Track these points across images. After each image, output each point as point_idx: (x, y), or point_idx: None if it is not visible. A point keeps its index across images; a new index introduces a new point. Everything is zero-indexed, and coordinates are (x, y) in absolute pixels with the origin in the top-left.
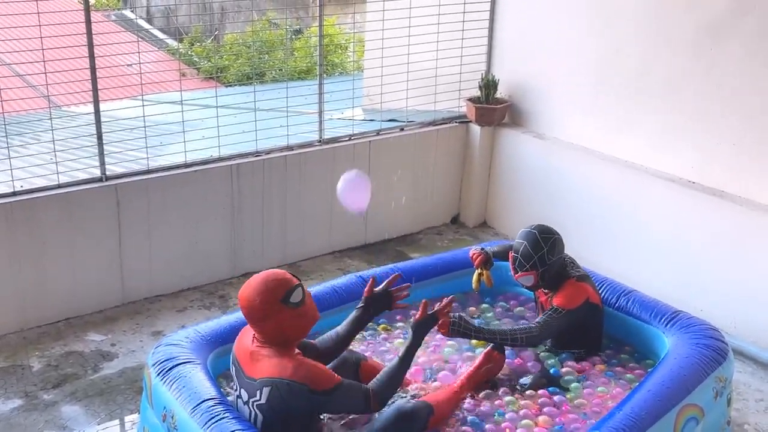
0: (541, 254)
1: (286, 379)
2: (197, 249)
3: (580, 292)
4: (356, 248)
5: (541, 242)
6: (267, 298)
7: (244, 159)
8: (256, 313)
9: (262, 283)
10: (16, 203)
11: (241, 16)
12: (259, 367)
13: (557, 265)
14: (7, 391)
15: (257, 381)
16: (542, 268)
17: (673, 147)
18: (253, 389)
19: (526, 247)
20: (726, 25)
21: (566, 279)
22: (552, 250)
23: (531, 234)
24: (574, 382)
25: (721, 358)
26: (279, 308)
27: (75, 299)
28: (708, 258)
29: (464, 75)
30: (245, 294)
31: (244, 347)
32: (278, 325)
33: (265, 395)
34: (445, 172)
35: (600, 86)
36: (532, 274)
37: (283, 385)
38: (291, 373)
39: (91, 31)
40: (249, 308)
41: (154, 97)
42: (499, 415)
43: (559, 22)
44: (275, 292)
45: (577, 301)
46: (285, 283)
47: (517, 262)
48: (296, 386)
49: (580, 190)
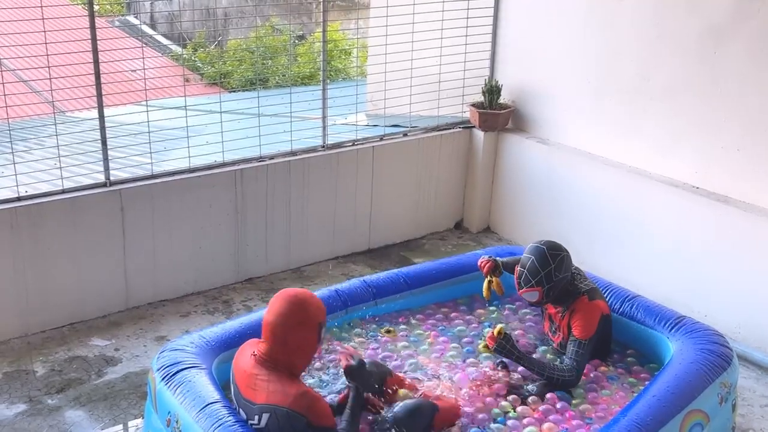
0: (548, 270)
1: (285, 407)
2: (201, 254)
3: (595, 312)
4: (360, 253)
5: (549, 258)
6: (314, 312)
7: (248, 164)
8: (294, 319)
9: (313, 299)
10: (21, 209)
11: (245, 21)
12: (258, 392)
13: (563, 283)
14: (11, 396)
15: (256, 406)
16: (548, 284)
17: (676, 152)
18: (252, 413)
19: (533, 263)
20: (728, 29)
21: (577, 296)
22: (559, 267)
23: (539, 249)
24: (578, 388)
25: (725, 364)
26: (313, 329)
27: (79, 304)
28: (712, 263)
29: (467, 80)
30: (295, 296)
31: (242, 368)
32: (300, 344)
33: (264, 420)
34: (448, 178)
35: (603, 91)
36: (537, 290)
37: (282, 414)
38: (291, 401)
39: (95, 37)
40: (289, 313)
41: (158, 102)
42: (500, 422)
43: (561, 27)
44: (321, 313)
45: (595, 324)
46: (324, 311)
47: (523, 276)
48: (295, 416)
49: (583, 196)
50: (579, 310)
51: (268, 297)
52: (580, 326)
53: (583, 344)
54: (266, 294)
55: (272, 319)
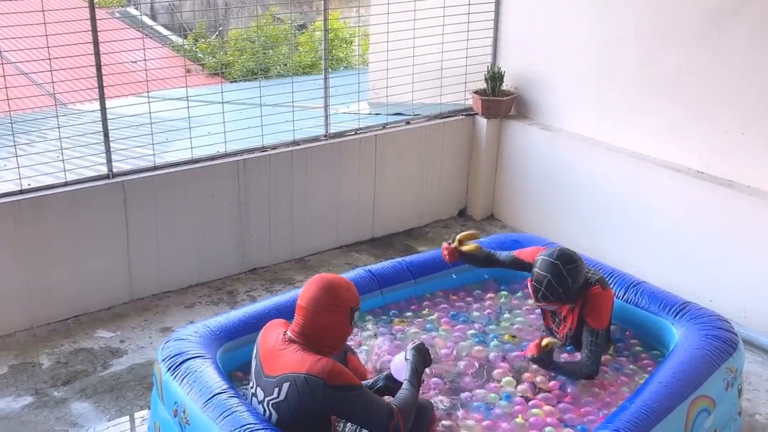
0: (566, 286)
1: (303, 373)
2: (204, 245)
3: (609, 301)
4: (363, 242)
5: (564, 274)
6: (346, 296)
7: (251, 154)
8: (326, 300)
9: (348, 284)
10: (24, 201)
11: (245, 11)
12: (280, 364)
13: (579, 284)
14: (18, 389)
15: (276, 378)
16: (567, 297)
17: (680, 137)
18: (271, 387)
19: (550, 282)
20: (730, 14)
21: (589, 287)
22: (576, 278)
23: (554, 266)
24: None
25: (731, 349)
26: (345, 311)
27: (83, 296)
28: (717, 248)
29: (470, 67)
30: (329, 280)
31: (267, 344)
32: (331, 324)
33: (284, 392)
34: (451, 165)
35: (606, 77)
36: (556, 304)
37: (300, 380)
38: (309, 366)
39: (96, 29)
40: (323, 293)
41: (160, 93)
42: (506, 398)
43: (564, 13)
44: (354, 298)
45: (610, 312)
46: (359, 298)
47: (540, 293)
48: (312, 380)
49: (587, 182)
50: (593, 300)
51: (272, 287)
52: (596, 316)
53: (599, 334)
54: (270, 284)
55: (305, 302)
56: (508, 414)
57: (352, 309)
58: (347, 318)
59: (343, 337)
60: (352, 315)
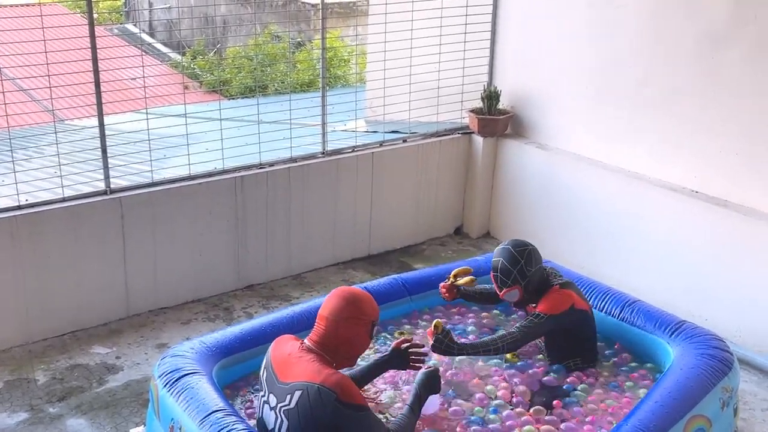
0: (519, 267)
1: (316, 383)
2: (201, 261)
3: (565, 298)
4: (360, 259)
5: (516, 256)
6: (368, 309)
7: (248, 171)
8: (349, 312)
9: (370, 298)
10: (21, 217)
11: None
12: (295, 371)
13: (538, 276)
14: (12, 405)
15: (289, 385)
16: (524, 281)
17: (675, 156)
18: (284, 394)
19: (503, 263)
20: (726, 34)
21: (549, 288)
22: (529, 261)
23: (506, 250)
24: (580, 393)
25: (726, 368)
26: (365, 324)
27: (80, 312)
28: (712, 267)
29: (466, 86)
30: (352, 292)
31: (282, 352)
32: (351, 336)
33: (295, 399)
34: (448, 183)
35: (602, 96)
36: (516, 288)
37: (313, 390)
38: (323, 378)
39: (95, 46)
40: (346, 305)
41: (158, 110)
42: (493, 412)
43: (560, 32)
44: (374, 312)
45: (562, 308)
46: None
47: (499, 279)
48: (325, 391)
49: (583, 201)
50: (548, 296)
51: (268, 304)
52: (544, 304)
53: (540, 316)
54: (267, 301)
55: (328, 312)
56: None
57: (373, 323)
58: (367, 331)
59: (361, 350)
60: (371, 328)
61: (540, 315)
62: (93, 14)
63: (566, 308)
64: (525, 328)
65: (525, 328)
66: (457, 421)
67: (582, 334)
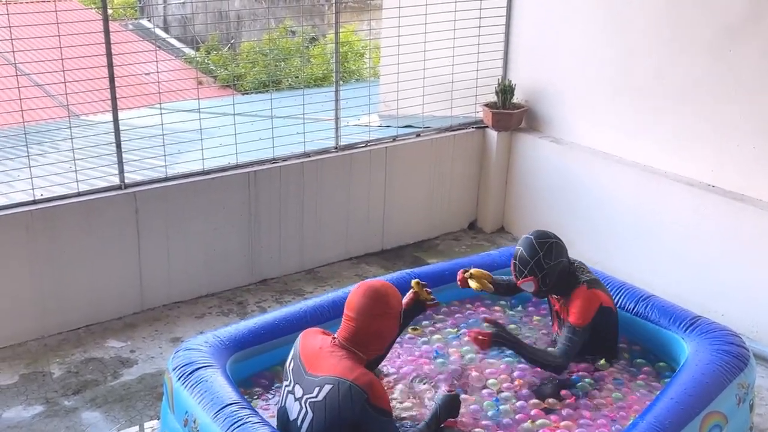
0: (537, 259)
1: (349, 380)
2: (215, 256)
3: (593, 300)
4: (373, 254)
5: (536, 247)
6: (394, 302)
7: (262, 166)
8: (380, 307)
9: (394, 289)
10: (36, 211)
11: (257, 24)
12: (326, 365)
13: (559, 270)
14: (28, 398)
15: (319, 378)
16: (540, 273)
17: (691, 150)
18: (312, 386)
19: (522, 253)
20: (743, 28)
21: (576, 286)
22: (549, 254)
23: (527, 240)
24: (588, 388)
25: (742, 364)
26: (396, 316)
27: (94, 306)
28: (728, 262)
29: (481, 80)
30: (376, 289)
31: (312, 345)
32: (382, 330)
33: (324, 392)
34: (462, 178)
35: (617, 90)
36: (531, 279)
37: (345, 386)
38: (356, 376)
39: (109, 41)
40: (374, 302)
41: (172, 105)
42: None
43: (574, 26)
44: (400, 301)
45: (592, 312)
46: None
47: (516, 268)
48: (356, 390)
49: (597, 195)
50: (576, 298)
51: (282, 298)
52: (575, 313)
53: (576, 330)
54: (280, 295)
55: (355, 312)
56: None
57: (401, 313)
58: (397, 322)
59: (392, 340)
60: (400, 317)
61: (574, 329)
62: (107, 10)
63: (595, 312)
64: (567, 347)
65: (567, 347)
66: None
67: (608, 333)
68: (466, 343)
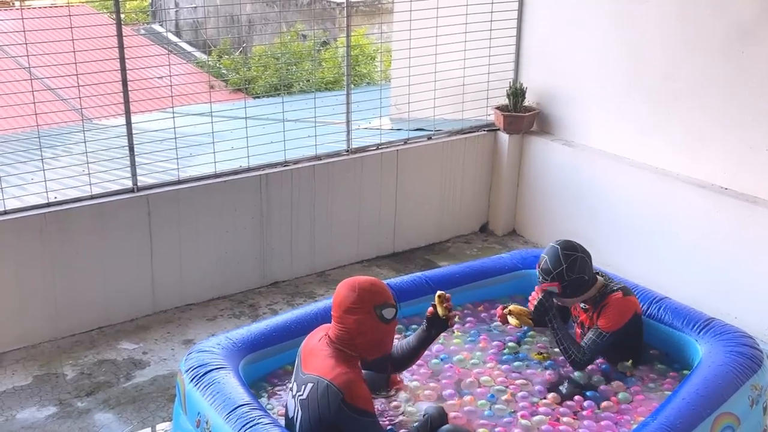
0: (560, 270)
1: (327, 379)
2: (227, 258)
3: (629, 308)
4: (384, 257)
5: (561, 258)
6: (366, 296)
7: (273, 169)
8: (348, 301)
9: (372, 284)
10: (50, 214)
11: (269, 28)
12: (314, 363)
13: (581, 282)
14: (42, 399)
15: (306, 376)
16: (560, 281)
17: (703, 152)
18: (302, 384)
19: (546, 262)
20: (755, 29)
21: (611, 292)
22: (572, 267)
23: (553, 249)
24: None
25: (756, 366)
26: (366, 311)
27: (107, 308)
28: (741, 264)
29: (492, 83)
30: (350, 282)
31: (311, 343)
32: (357, 324)
33: (307, 391)
34: (473, 181)
35: (628, 92)
36: (555, 285)
37: (322, 385)
38: (334, 376)
39: (122, 45)
40: (345, 294)
41: (184, 109)
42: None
43: (585, 28)
44: (377, 297)
45: (625, 319)
46: (386, 295)
47: (540, 275)
48: (332, 389)
49: (609, 197)
50: (611, 304)
51: (293, 301)
52: (607, 317)
53: (603, 335)
54: (291, 298)
55: (333, 306)
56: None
57: (376, 307)
58: (372, 318)
59: (378, 338)
60: (378, 314)
61: (602, 333)
62: (120, 14)
63: (629, 319)
64: (590, 349)
65: (590, 349)
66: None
67: (638, 338)
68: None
